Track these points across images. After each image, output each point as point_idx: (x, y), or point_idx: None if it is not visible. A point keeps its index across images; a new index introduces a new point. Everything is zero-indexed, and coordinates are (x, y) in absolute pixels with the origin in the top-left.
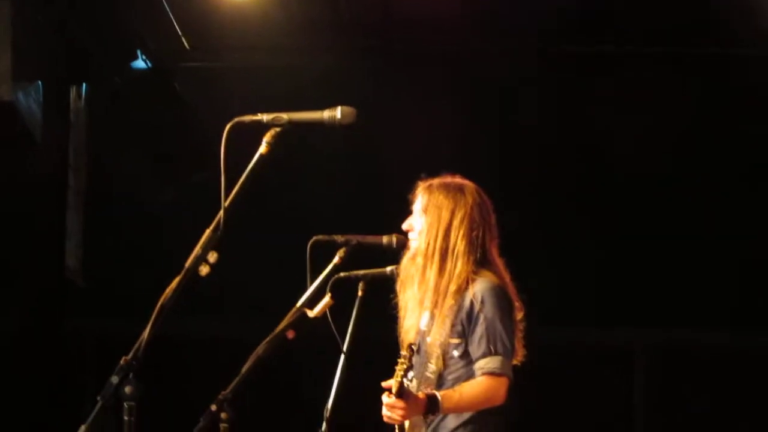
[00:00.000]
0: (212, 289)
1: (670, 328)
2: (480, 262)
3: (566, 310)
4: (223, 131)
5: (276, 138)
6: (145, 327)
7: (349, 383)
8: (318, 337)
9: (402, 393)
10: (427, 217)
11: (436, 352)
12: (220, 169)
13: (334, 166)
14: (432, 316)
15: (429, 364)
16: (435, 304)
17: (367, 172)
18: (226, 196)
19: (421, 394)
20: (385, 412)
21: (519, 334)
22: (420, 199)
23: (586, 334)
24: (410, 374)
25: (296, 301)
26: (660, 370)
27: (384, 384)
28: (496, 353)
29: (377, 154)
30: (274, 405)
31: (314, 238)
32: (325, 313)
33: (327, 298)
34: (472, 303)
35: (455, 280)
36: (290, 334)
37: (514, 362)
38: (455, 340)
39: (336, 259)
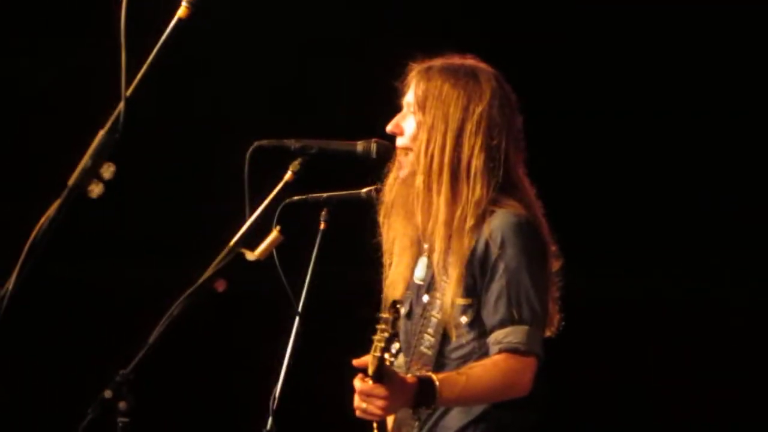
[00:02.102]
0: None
1: None
2: (502, 186)
3: None
4: None
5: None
6: None
7: (307, 359)
8: (262, 291)
9: (382, 375)
10: (427, 115)
11: (436, 317)
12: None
13: None
14: (432, 264)
15: (425, 335)
16: (439, 247)
17: None
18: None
19: (410, 377)
20: (358, 403)
21: (554, 294)
22: (414, 89)
23: None
24: (394, 347)
25: (230, 237)
26: None
27: (356, 362)
28: (520, 321)
29: None
30: (200, 390)
31: (256, 143)
32: (271, 254)
33: (274, 233)
34: (487, 245)
35: (472, 210)
36: (220, 286)
37: (547, 334)
38: (463, 300)
39: (288, 175)
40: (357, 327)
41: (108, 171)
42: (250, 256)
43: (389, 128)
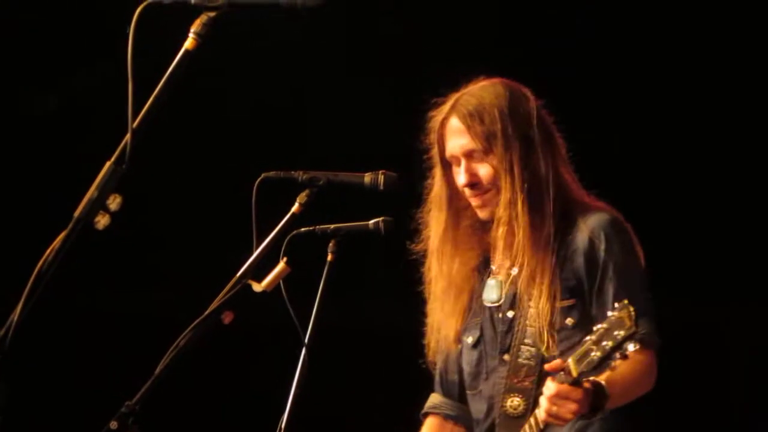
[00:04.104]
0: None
1: None
2: (573, 192)
3: None
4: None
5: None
6: None
7: (313, 387)
8: (269, 322)
9: (580, 381)
10: (496, 154)
11: (532, 326)
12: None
13: None
14: (516, 281)
15: (522, 347)
16: (524, 262)
17: None
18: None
19: (586, 383)
20: (548, 406)
21: None
22: (468, 136)
23: None
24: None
25: (237, 268)
26: None
27: (548, 366)
28: (640, 314)
29: None
30: (206, 422)
31: (263, 175)
32: (278, 285)
33: (281, 265)
34: (591, 243)
35: (556, 220)
36: (227, 318)
37: None
38: (566, 302)
39: (295, 207)
40: (363, 359)
41: (114, 202)
42: (257, 287)
43: (466, 181)
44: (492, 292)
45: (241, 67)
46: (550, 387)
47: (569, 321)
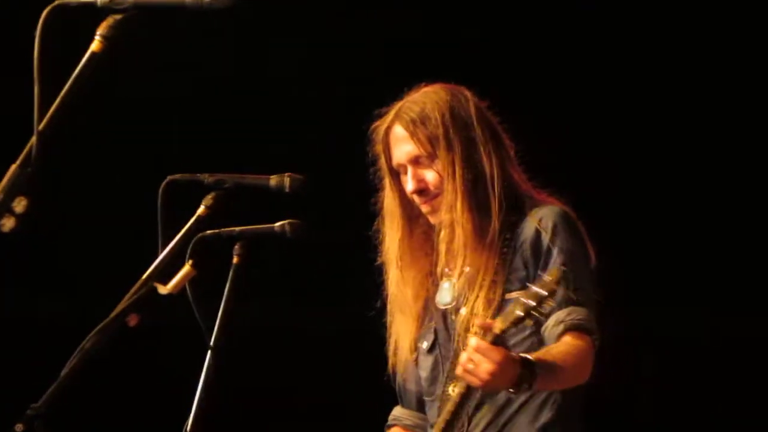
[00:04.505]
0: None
1: None
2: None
3: None
4: None
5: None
6: None
7: (220, 392)
8: (176, 325)
9: (500, 341)
10: (441, 158)
11: (482, 317)
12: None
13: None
14: (460, 280)
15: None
16: (470, 260)
17: None
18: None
19: (514, 355)
20: (465, 361)
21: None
22: (412, 143)
23: None
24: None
25: (143, 271)
26: None
27: (479, 324)
28: (579, 303)
29: None
30: (113, 424)
31: (168, 177)
32: (183, 288)
33: (187, 267)
34: (537, 233)
35: (503, 216)
36: (133, 320)
37: None
38: (515, 294)
39: (201, 209)
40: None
41: (20, 205)
42: (163, 290)
43: (413, 187)
44: (446, 295)
45: (155, 65)
46: (470, 342)
47: (519, 312)
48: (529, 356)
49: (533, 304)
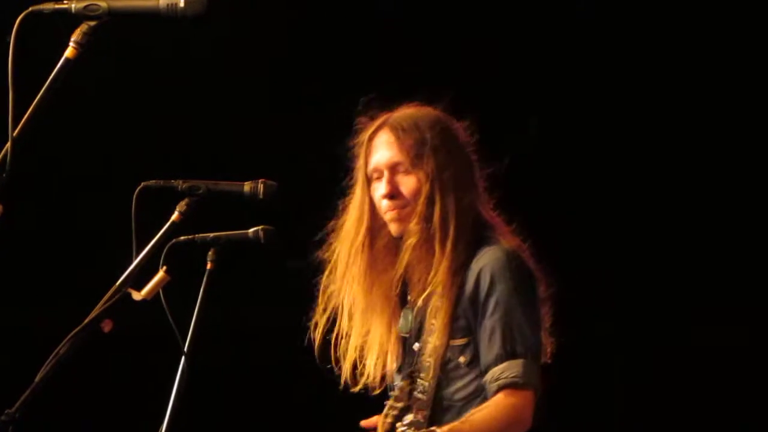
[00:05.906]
0: None
1: None
2: (482, 223)
3: None
4: None
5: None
6: None
7: (193, 400)
8: (151, 331)
9: None
10: (425, 168)
11: (428, 361)
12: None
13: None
14: (422, 313)
15: (418, 380)
16: (439, 292)
17: None
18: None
19: None
20: None
21: (546, 323)
22: (396, 147)
23: None
24: (407, 419)
25: (117, 277)
26: None
27: (364, 423)
28: (515, 355)
29: None
30: (86, 430)
31: (142, 183)
32: (157, 294)
33: (160, 273)
34: (477, 284)
35: (470, 251)
36: (106, 326)
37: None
38: (459, 341)
39: (174, 215)
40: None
41: None
42: (137, 296)
43: (387, 191)
44: (405, 323)
45: (132, 74)
46: None
47: (462, 359)
48: (435, 430)
49: (394, 414)
